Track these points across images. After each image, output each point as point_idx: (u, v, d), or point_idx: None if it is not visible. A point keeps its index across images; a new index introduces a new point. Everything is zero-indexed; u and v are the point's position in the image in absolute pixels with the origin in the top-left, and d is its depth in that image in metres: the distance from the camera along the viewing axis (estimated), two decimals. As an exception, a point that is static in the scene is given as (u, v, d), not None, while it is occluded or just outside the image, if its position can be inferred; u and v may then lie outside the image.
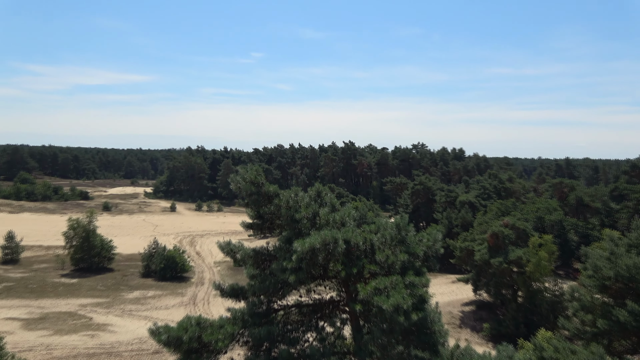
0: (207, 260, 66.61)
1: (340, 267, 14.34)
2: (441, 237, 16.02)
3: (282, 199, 15.31)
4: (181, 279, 56.20)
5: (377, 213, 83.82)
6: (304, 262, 13.82)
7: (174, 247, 61.13)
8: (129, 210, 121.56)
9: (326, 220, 15.18)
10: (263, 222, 16.38)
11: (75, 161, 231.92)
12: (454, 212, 68.27)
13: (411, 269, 14.58)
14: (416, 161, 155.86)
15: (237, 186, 15.48)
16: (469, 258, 46.99)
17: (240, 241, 17.59)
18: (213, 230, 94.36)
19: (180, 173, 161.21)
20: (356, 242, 14.34)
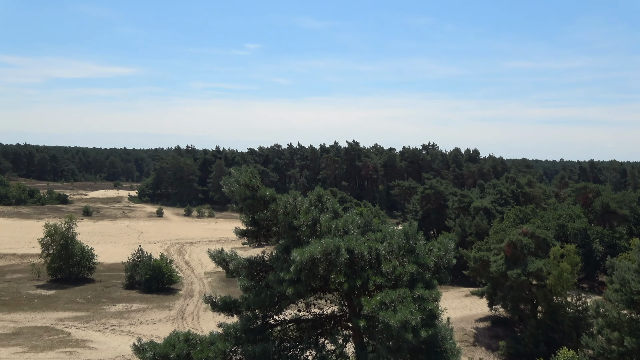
0: (197, 271, 66.61)
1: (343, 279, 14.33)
2: (453, 246, 16.00)
3: (280, 204, 15.31)
4: (168, 291, 56.19)
5: (383, 220, 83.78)
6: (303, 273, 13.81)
7: (160, 256, 61.14)
8: (112, 216, 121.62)
9: (327, 227, 15.17)
10: (258, 229, 16.37)
11: (53, 161, 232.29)
12: (467, 219, 68.26)
13: (420, 281, 14.57)
14: (426, 163, 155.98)
15: (230, 190, 15.48)
16: (484, 269, 46.94)
17: (234, 250, 17.59)
18: (203, 237, 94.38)
19: (168, 175, 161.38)
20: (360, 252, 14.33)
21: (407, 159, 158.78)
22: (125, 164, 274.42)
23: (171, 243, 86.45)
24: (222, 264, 16.73)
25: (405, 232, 15.26)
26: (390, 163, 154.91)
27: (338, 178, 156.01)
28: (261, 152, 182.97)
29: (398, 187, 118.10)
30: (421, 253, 15.21)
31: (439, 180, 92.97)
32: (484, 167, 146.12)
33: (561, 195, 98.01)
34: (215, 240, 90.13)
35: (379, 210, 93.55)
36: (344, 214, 16.16)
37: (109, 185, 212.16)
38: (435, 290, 14.58)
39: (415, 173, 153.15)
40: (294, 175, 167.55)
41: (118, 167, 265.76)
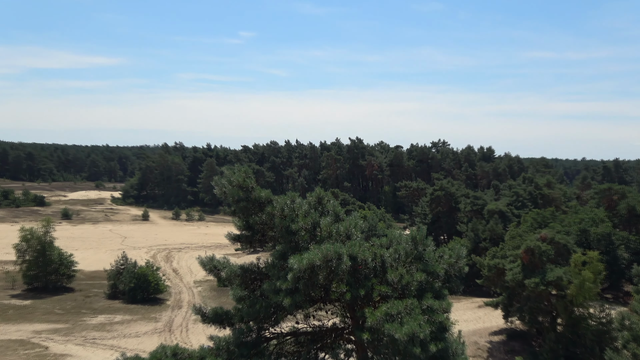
0: (186, 279, 66.63)
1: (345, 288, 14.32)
2: (466, 253, 15.99)
3: (276, 207, 15.30)
4: (155, 302, 56.20)
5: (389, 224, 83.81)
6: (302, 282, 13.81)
7: (146, 263, 61.17)
8: (93, 219, 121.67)
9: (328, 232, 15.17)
10: (253, 234, 16.36)
11: (29, 160, 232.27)
12: (481, 223, 68.28)
13: (430, 290, 14.56)
14: (436, 162, 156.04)
15: (222, 191, 15.48)
16: (499, 278, 46.94)
17: (226, 256, 17.59)
18: (193, 243, 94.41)
19: (155, 175, 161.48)
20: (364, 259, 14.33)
21: (415, 158, 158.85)
22: (107, 163, 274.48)
23: (158, 249, 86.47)
24: (213, 271, 16.73)
25: (413, 237, 15.26)
26: (397, 162, 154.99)
27: (340, 178, 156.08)
28: (256, 150, 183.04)
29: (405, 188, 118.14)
30: (430, 260, 15.21)
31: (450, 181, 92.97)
32: (499, 167, 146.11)
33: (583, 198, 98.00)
34: (206, 246, 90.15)
35: (384, 214, 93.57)
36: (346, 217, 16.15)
37: (90, 186, 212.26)
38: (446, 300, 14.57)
39: (424, 173, 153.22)
40: (292, 175, 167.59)
41: (100, 166, 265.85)
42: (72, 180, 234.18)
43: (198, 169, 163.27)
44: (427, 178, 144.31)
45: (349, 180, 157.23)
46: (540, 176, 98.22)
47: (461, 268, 15.59)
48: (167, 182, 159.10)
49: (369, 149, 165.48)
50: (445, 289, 15.21)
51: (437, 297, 14.59)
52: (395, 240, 15.78)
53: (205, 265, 16.75)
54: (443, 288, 15.18)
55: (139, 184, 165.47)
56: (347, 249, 13.97)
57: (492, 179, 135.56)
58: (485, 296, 58.81)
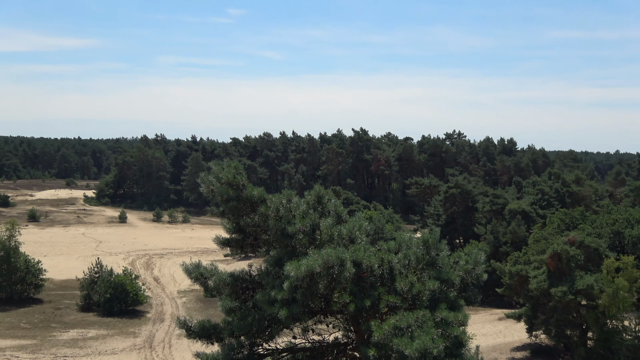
0: (169, 289, 66.69)
1: (348, 299, 14.34)
2: (484, 258, 16.02)
3: (270, 207, 15.31)
4: (134, 314, 56.24)
5: (397, 225, 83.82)
6: (300, 292, 13.82)
7: (124, 270, 61.19)
8: (64, 221, 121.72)
9: (329, 235, 15.18)
10: (244, 238, 16.38)
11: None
12: (501, 224, 68.32)
13: (444, 301, 14.58)
14: (451, 156, 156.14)
15: (210, 189, 15.49)
16: (522, 287, 46.96)
17: (214, 263, 17.59)
18: (177, 248, 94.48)
19: (133, 171, 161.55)
20: (369, 265, 14.35)
21: (427, 151, 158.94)
22: (80, 158, 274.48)
23: (137, 255, 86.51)
24: (200, 280, 16.74)
25: (425, 240, 15.28)
26: (407, 156, 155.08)
27: (342, 174, 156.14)
28: (247, 143, 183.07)
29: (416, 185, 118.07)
30: (444, 267, 15.23)
31: (466, 177, 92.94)
32: (522, 161, 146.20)
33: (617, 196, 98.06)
34: (191, 251, 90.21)
35: (392, 214, 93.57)
36: (350, 218, 16.16)
37: (61, 184, 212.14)
38: (462, 312, 14.59)
39: (437, 168, 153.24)
40: (288, 171, 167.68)
41: (71, 161, 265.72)
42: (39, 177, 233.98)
43: (182, 165, 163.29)
44: (441, 174, 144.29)
45: (352, 176, 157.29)
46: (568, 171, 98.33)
47: (479, 275, 15.62)
48: (147, 179, 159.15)
49: (374, 142, 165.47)
50: (461, 299, 15.24)
51: (452, 308, 14.61)
52: (404, 244, 15.80)
53: (191, 273, 16.77)
54: (459, 298, 15.20)
55: (116, 181, 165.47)
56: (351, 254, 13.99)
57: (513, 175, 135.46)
58: (506, 307, 58.84)
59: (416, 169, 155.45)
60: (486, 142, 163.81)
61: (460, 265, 15.61)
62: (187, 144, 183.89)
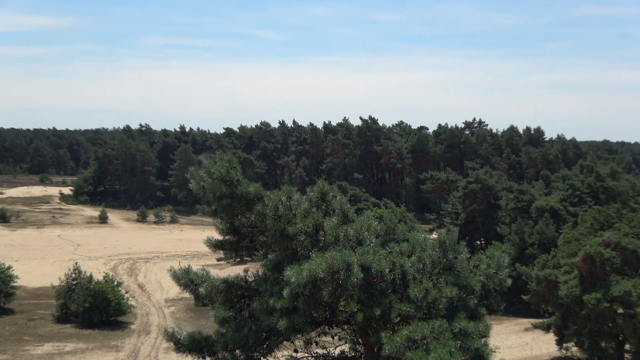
0: (155, 297, 66.78)
1: (356, 307, 14.36)
2: (508, 261, 16.03)
3: (269, 205, 15.33)
4: (116, 325, 56.32)
5: (411, 225, 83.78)
6: (301, 300, 13.85)
7: (105, 277, 61.27)
8: (38, 222, 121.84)
9: (334, 236, 15.20)
10: (239, 240, 16.41)
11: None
12: (527, 224, 68.24)
13: (463, 309, 14.60)
14: (470, 147, 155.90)
15: (200, 185, 15.52)
16: (551, 294, 46.94)
17: (206, 268, 17.63)
18: (164, 251, 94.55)
19: (115, 165, 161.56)
20: (379, 270, 14.36)
21: (443, 142, 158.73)
22: (55, 151, 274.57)
23: (119, 259, 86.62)
24: (190, 287, 16.78)
25: (442, 242, 15.28)
26: (421, 147, 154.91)
27: (349, 168, 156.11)
28: (243, 134, 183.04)
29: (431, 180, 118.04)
30: (463, 271, 15.23)
31: (487, 171, 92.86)
32: (550, 153, 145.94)
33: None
34: (180, 255, 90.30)
35: (405, 213, 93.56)
36: (357, 217, 16.18)
37: (34, 180, 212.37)
38: (483, 322, 14.60)
39: (455, 161, 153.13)
40: (288, 164, 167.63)
41: (45, 154, 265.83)
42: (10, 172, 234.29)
43: (169, 158, 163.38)
44: (459, 167, 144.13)
45: (360, 170, 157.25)
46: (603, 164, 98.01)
47: (502, 281, 15.63)
48: (131, 174, 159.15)
49: (385, 131, 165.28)
50: (482, 308, 15.25)
51: (473, 317, 14.62)
52: (419, 246, 15.81)
53: (180, 279, 16.81)
54: (480, 306, 15.22)
55: (95, 177, 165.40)
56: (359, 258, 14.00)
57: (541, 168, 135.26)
58: (533, 316, 58.81)
59: (432, 161, 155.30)
60: (510, 132, 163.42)
61: (481, 269, 15.62)
62: (175, 134, 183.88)
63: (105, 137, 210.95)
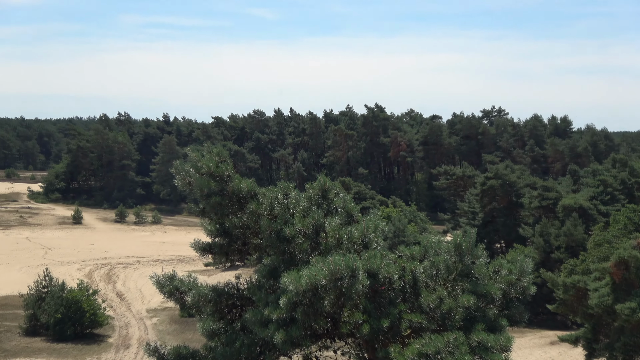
0: (136, 307, 66.83)
1: (362, 318, 14.34)
2: (532, 266, 16.01)
3: (263, 203, 15.32)
4: (91, 339, 56.37)
5: (423, 226, 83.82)
6: (300, 310, 13.83)
7: (79, 284, 61.31)
8: (3, 222, 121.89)
9: (337, 238, 15.18)
10: (230, 242, 16.39)
11: None
12: (553, 224, 68.28)
13: (481, 320, 14.60)
14: (489, 138, 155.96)
15: (186, 181, 15.50)
16: (580, 303, 46.96)
17: (192, 274, 17.61)
18: (145, 255, 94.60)
19: (90, 159, 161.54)
20: (388, 276, 14.34)
21: (459, 133, 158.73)
22: (23, 143, 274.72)
23: (95, 264, 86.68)
24: (175, 295, 16.76)
25: (458, 245, 15.27)
26: (434, 139, 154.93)
27: (353, 162, 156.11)
28: (234, 124, 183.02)
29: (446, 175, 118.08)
30: (482, 278, 15.23)
31: (508, 165, 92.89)
32: (579, 145, 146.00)
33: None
34: (164, 260, 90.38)
35: (415, 212, 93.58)
36: (363, 217, 16.16)
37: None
38: (505, 334, 14.60)
39: (471, 154, 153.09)
40: (285, 158, 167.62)
41: (12, 147, 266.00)
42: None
43: (151, 151, 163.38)
44: (477, 161, 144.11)
45: (365, 165, 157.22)
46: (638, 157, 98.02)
47: (526, 288, 15.61)
48: (108, 169, 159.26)
49: (393, 121, 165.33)
50: (503, 319, 15.25)
51: (492, 329, 14.62)
52: (431, 249, 15.79)
53: (163, 287, 16.78)
54: (500, 317, 15.21)
55: (68, 172, 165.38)
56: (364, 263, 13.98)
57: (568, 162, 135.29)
58: (560, 328, 58.90)
59: (446, 155, 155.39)
60: (534, 121, 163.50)
61: (502, 275, 15.61)
62: (158, 124, 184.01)
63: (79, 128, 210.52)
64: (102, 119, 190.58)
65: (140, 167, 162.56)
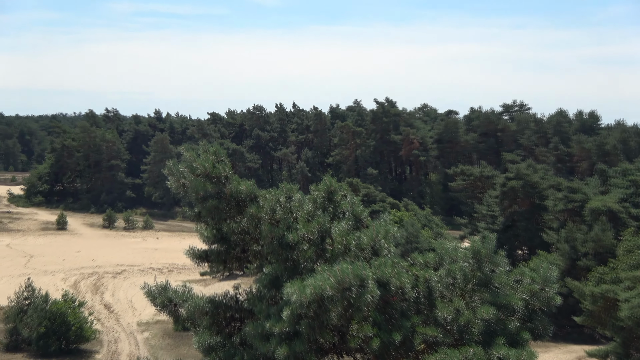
0: (126, 320, 66.87)
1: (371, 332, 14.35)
2: (557, 275, 15.99)
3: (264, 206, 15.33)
4: (78, 355, 56.41)
5: (438, 231, 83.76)
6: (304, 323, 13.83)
7: (64, 295, 61.37)
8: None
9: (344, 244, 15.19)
10: (228, 249, 16.41)
11: None
12: (580, 229, 68.15)
13: (502, 334, 14.59)
14: (509, 136, 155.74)
15: (180, 183, 15.52)
16: (609, 314, 46.89)
17: (187, 284, 17.64)
18: (136, 263, 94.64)
19: (76, 159, 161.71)
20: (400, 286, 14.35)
21: (477, 130, 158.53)
22: (2, 142, 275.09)
23: (82, 274, 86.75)
24: (168, 307, 16.79)
25: (476, 252, 15.26)
26: (449, 136, 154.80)
27: (361, 162, 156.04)
28: (232, 120, 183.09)
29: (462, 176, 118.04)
30: (503, 287, 15.22)
31: (530, 165, 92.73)
32: (607, 142, 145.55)
33: None
34: (156, 269, 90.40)
35: (430, 216, 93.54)
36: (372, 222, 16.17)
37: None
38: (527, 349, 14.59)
39: (490, 152, 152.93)
40: (288, 157, 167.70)
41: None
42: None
43: (142, 150, 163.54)
44: (496, 160, 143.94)
45: (374, 164, 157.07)
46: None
47: (550, 299, 15.59)
48: (95, 170, 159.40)
49: (405, 117, 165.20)
50: (525, 332, 15.23)
51: (514, 343, 14.61)
52: (447, 256, 15.79)
53: (156, 298, 16.81)
54: (523, 330, 15.20)
55: (52, 173, 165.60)
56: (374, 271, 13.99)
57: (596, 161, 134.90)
58: (587, 342, 58.79)
59: (462, 153, 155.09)
60: (558, 117, 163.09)
61: (524, 285, 15.60)
62: (149, 121, 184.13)
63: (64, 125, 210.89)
64: (88, 116, 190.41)
65: (130, 168, 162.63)
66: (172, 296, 16.67)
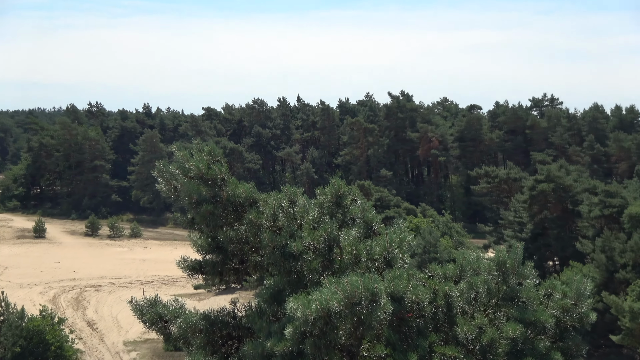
0: (111, 339, 66.98)
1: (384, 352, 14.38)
2: (592, 289, 15.99)
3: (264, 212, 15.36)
4: (57, 377, 56.51)
5: (459, 240, 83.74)
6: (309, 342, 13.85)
7: (42, 311, 61.53)
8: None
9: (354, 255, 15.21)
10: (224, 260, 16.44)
11: None
12: (618, 237, 68.07)
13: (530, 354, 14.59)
14: (539, 133, 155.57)
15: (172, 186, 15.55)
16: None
17: (179, 298, 17.67)
18: (122, 276, 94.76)
19: (55, 159, 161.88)
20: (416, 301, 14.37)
21: (503, 126, 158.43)
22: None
23: (62, 287, 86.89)
24: (158, 324, 16.82)
25: (501, 263, 15.27)
26: (472, 134, 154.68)
27: (373, 162, 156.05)
28: (229, 116, 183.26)
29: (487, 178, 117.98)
30: (531, 302, 15.22)
31: (563, 166, 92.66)
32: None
33: None
34: (145, 281, 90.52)
35: (450, 223, 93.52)
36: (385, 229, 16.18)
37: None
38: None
39: (518, 151, 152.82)
40: (291, 157, 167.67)
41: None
42: None
43: (129, 149, 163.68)
44: (524, 160, 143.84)
45: (388, 165, 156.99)
46: None
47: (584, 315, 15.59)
48: (77, 171, 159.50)
49: (422, 112, 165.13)
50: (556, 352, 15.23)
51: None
52: (469, 268, 15.81)
53: (144, 315, 16.84)
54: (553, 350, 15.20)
55: (28, 175, 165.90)
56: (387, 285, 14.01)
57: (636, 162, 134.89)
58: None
59: (487, 153, 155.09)
60: (593, 112, 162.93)
61: (555, 300, 15.61)
62: (137, 117, 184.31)
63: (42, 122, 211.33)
64: (69, 111, 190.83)
65: (115, 169, 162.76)
66: (162, 312, 16.69)
